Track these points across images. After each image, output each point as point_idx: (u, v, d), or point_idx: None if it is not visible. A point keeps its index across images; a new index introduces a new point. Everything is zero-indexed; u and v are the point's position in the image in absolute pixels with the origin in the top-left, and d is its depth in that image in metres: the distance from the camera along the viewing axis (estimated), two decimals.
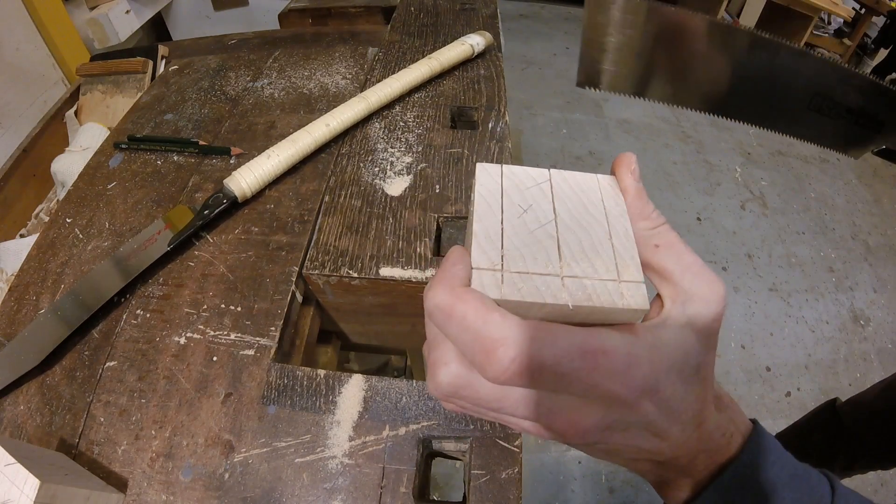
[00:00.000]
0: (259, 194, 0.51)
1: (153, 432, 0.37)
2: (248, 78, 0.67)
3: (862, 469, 0.91)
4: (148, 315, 0.43)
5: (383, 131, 0.57)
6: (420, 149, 0.55)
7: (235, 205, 0.49)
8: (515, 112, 2.20)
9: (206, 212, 0.47)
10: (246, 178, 0.48)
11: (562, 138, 2.18)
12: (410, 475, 0.34)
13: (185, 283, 0.44)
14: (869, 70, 2.82)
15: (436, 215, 0.48)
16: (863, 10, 2.76)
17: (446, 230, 0.47)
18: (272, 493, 0.34)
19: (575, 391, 0.18)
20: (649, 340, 0.19)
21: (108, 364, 0.40)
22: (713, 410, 0.22)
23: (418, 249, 0.45)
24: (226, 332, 0.41)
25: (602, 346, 0.18)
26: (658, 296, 0.22)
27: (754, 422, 0.24)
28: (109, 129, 0.68)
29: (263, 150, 0.51)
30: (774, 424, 1.28)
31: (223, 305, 0.43)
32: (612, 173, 0.23)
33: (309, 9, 0.92)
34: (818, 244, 1.91)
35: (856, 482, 1.29)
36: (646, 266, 0.21)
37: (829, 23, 3.05)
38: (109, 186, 0.54)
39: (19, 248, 0.57)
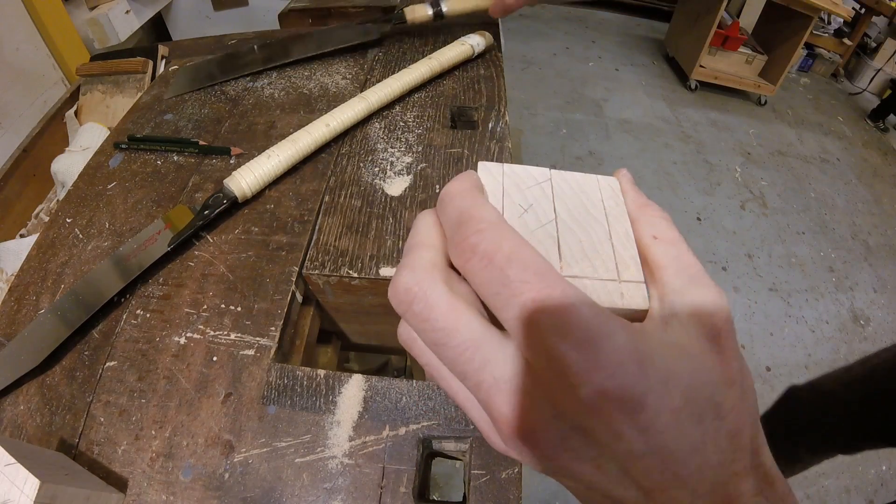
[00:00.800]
0: (259, 194, 0.51)
1: (153, 432, 0.37)
2: (248, 78, 0.67)
3: (826, 455, 0.91)
4: (148, 315, 0.43)
5: (383, 131, 0.57)
6: (420, 149, 0.55)
7: (235, 205, 0.49)
8: (515, 112, 2.21)
9: (206, 212, 0.47)
10: (246, 179, 0.48)
11: (562, 138, 2.18)
12: (410, 475, 0.34)
13: (185, 283, 0.44)
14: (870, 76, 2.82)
15: None
16: (863, 10, 2.76)
17: None
18: (272, 493, 0.34)
19: (516, 326, 0.15)
20: (641, 333, 0.15)
21: (108, 364, 0.40)
22: (753, 492, 0.15)
23: None
24: (226, 332, 0.41)
25: (565, 288, 0.14)
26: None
27: None
28: (109, 129, 0.68)
29: (263, 150, 0.51)
30: None
31: (223, 305, 0.43)
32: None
33: (309, 9, 0.92)
34: (818, 244, 1.91)
35: (856, 482, 1.29)
36: (640, 258, 0.19)
37: (829, 23, 3.05)
38: (109, 186, 0.54)
39: (19, 248, 0.57)
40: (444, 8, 0.71)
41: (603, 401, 0.13)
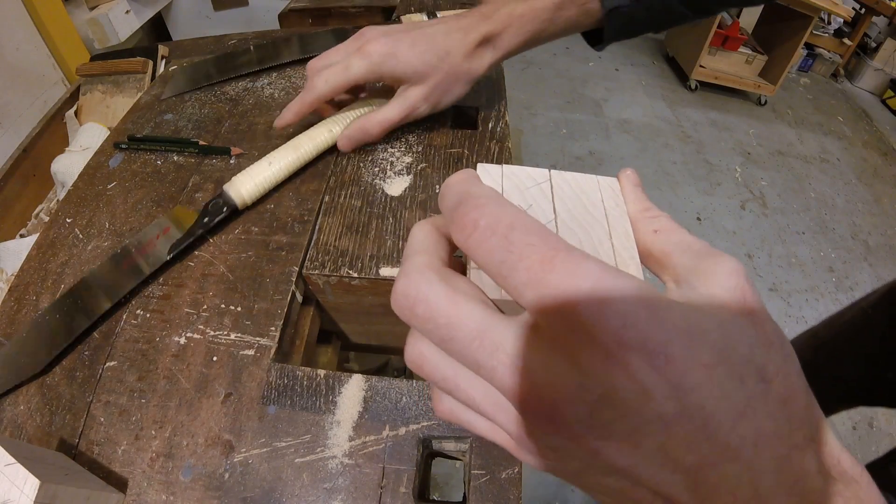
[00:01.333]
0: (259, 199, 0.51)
1: (153, 432, 0.37)
2: (249, 78, 0.67)
3: None
4: (148, 315, 0.43)
5: None
6: (420, 149, 0.55)
7: (236, 212, 0.49)
8: (515, 112, 2.21)
9: (205, 219, 0.47)
10: (246, 186, 0.48)
11: (562, 138, 2.18)
12: (410, 475, 0.34)
13: (185, 283, 0.44)
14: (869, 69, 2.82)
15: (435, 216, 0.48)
16: (863, 10, 2.76)
17: None
18: (272, 493, 0.34)
19: (522, 291, 0.14)
20: (652, 289, 0.14)
21: (108, 364, 0.40)
22: (817, 469, 0.14)
23: None
24: (226, 332, 0.41)
25: (570, 248, 0.14)
26: None
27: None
28: (109, 129, 0.68)
29: (263, 150, 0.51)
30: None
31: (223, 305, 0.43)
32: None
33: (309, 9, 0.92)
34: (818, 244, 1.91)
35: None
36: (646, 255, 0.20)
37: (829, 23, 3.05)
38: (109, 186, 0.54)
39: (19, 248, 0.57)
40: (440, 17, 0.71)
41: (623, 350, 0.12)
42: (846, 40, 2.92)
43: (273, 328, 0.41)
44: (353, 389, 0.38)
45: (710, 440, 0.12)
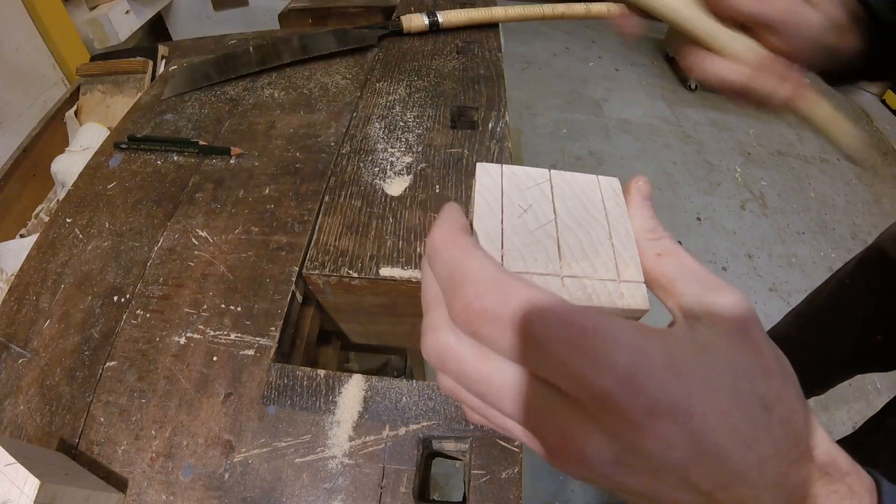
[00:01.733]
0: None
1: (153, 432, 0.37)
2: (248, 78, 0.67)
3: None
4: (148, 315, 0.43)
5: (383, 131, 0.57)
6: (420, 149, 0.55)
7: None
8: (515, 112, 2.21)
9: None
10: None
11: (562, 138, 2.18)
12: (410, 475, 0.34)
13: (185, 283, 0.44)
14: None
15: (435, 215, 0.48)
16: None
17: None
18: (272, 493, 0.34)
19: (554, 376, 0.15)
20: (671, 339, 0.15)
21: (108, 364, 0.40)
22: (818, 475, 0.16)
23: (418, 249, 0.45)
24: (226, 332, 0.41)
25: (592, 323, 0.14)
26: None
27: (877, 481, 0.17)
28: (109, 129, 0.68)
29: (263, 150, 0.51)
30: None
31: (223, 305, 0.43)
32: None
33: (309, 9, 0.92)
34: (818, 244, 1.91)
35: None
36: (651, 279, 0.19)
37: None
38: (109, 186, 0.54)
39: (19, 248, 0.57)
40: (440, 19, 0.71)
41: (652, 419, 0.13)
42: None
43: (273, 328, 0.41)
44: (353, 389, 0.38)
45: (723, 470, 0.14)
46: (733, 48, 0.34)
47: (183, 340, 0.41)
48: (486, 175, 0.22)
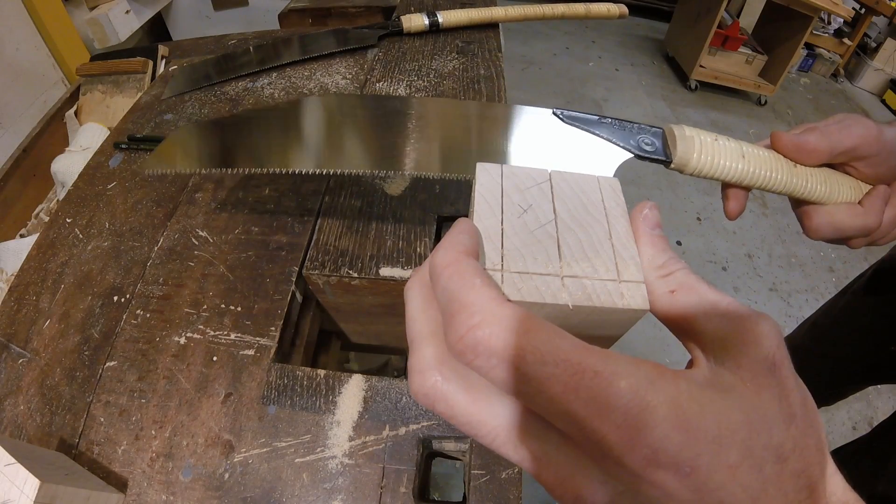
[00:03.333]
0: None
1: (153, 432, 0.37)
2: (248, 78, 0.67)
3: None
4: (148, 315, 0.43)
5: None
6: None
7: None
8: None
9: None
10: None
11: None
12: (410, 475, 0.34)
13: (185, 283, 0.44)
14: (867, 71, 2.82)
15: (435, 215, 0.48)
16: (863, 10, 2.76)
17: (446, 230, 0.47)
18: (272, 493, 0.34)
19: (549, 415, 0.14)
20: (683, 386, 0.14)
21: (108, 364, 0.40)
22: None
23: (418, 249, 0.45)
24: (226, 332, 0.41)
25: (594, 363, 0.13)
26: (690, 362, 0.17)
27: None
28: (109, 129, 0.68)
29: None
30: None
31: (223, 305, 0.43)
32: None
33: (309, 9, 0.92)
34: (818, 244, 1.91)
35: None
36: (666, 320, 0.18)
37: (829, 23, 3.05)
38: (109, 186, 0.54)
39: (19, 248, 0.57)
40: (440, 19, 0.71)
41: (651, 469, 0.13)
42: (846, 40, 2.92)
43: (273, 328, 0.41)
44: (353, 389, 0.38)
45: None
46: (831, 192, 0.34)
47: (183, 340, 0.41)
48: (486, 175, 0.22)
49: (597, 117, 0.32)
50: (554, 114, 0.33)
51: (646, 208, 0.20)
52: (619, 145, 0.31)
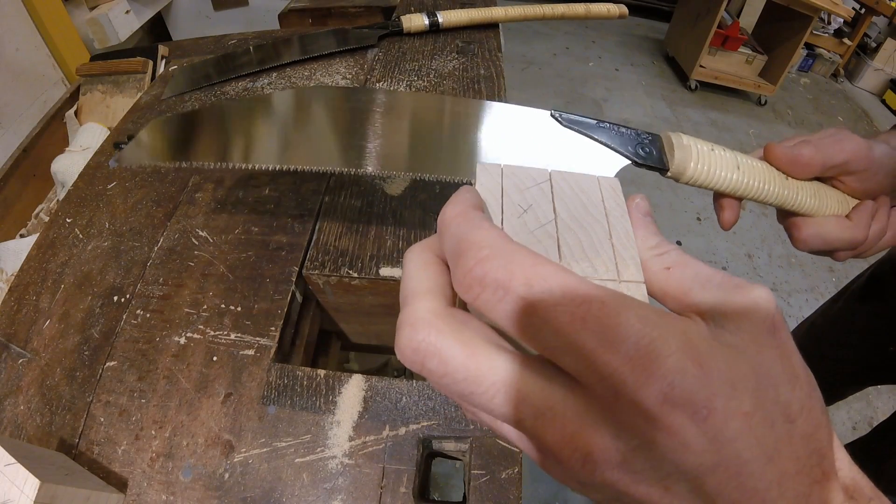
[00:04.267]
0: None
1: (153, 432, 0.37)
2: (248, 78, 0.67)
3: None
4: (148, 315, 0.43)
5: None
6: None
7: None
8: None
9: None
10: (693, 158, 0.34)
11: None
12: (410, 475, 0.34)
13: (185, 283, 0.44)
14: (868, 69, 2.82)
15: (436, 215, 0.48)
16: (863, 10, 2.76)
17: None
18: (272, 493, 0.34)
19: (556, 354, 0.13)
20: (691, 326, 0.14)
21: (108, 364, 0.40)
22: (838, 500, 0.14)
23: None
24: (226, 332, 0.41)
25: (601, 295, 0.13)
26: None
27: None
28: (109, 129, 0.68)
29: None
30: None
31: (223, 305, 0.43)
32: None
33: (309, 9, 0.92)
34: None
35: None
36: (663, 296, 0.18)
37: (829, 22, 3.05)
38: (109, 186, 0.54)
39: (19, 248, 0.57)
40: (441, 19, 0.71)
41: (666, 408, 0.12)
42: (846, 40, 2.92)
43: (273, 328, 0.41)
44: (353, 389, 0.38)
45: (741, 486, 0.13)
46: (820, 205, 0.34)
47: (183, 340, 0.41)
48: (486, 175, 0.22)
49: (595, 121, 0.32)
50: (552, 116, 0.33)
51: (636, 198, 0.21)
52: (617, 151, 0.31)
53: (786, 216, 0.36)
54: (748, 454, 0.12)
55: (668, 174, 0.32)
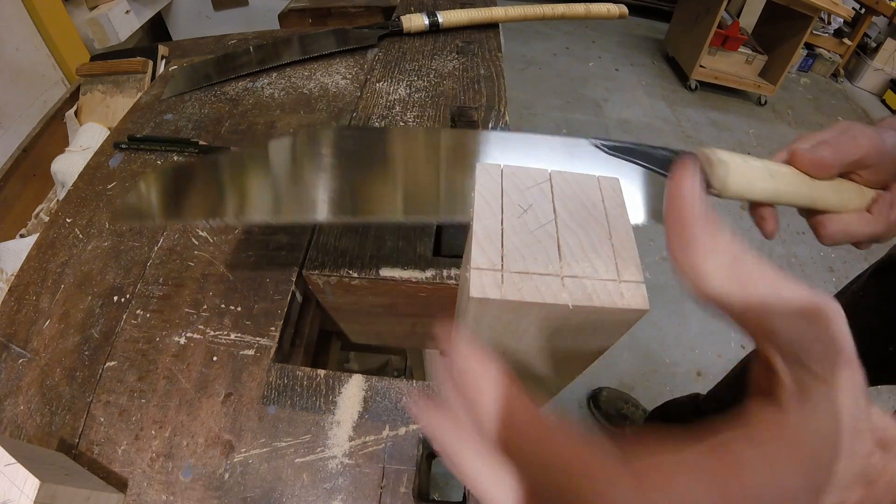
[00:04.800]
0: None
1: (153, 432, 0.37)
2: (248, 78, 0.67)
3: None
4: (148, 315, 0.43)
5: None
6: None
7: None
8: (515, 112, 2.20)
9: None
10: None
11: None
12: (410, 475, 0.34)
13: (185, 283, 0.44)
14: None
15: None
16: (863, 10, 2.76)
17: (446, 230, 0.47)
18: (272, 493, 0.34)
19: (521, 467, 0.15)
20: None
21: (108, 364, 0.40)
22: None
23: (418, 249, 0.45)
24: (226, 332, 0.41)
25: (561, 437, 0.14)
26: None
27: None
28: (109, 129, 0.68)
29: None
30: None
31: (223, 305, 0.43)
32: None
33: (309, 9, 0.92)
34: (818, 244, 1.90)
35: None
36: (738, 313, 0.16)
37: (829, 23, 3.05)
38: (109, 186, 0.54)
39: (19, 248, 0.57)
40: (441, 19, 0.71)
41: None
42: (846, 40, 2.92)
43: (273, 328, 0.41)
44: (353, 389, 0.38)
45: None
46: (841, 200, 0.35)
47: (183, 340, 0.41)
48: (487, 175, 0.22)
49: (632, 145, 0.31)
50: (593, 144, 0.32)
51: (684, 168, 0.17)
52: (660, 174, 0.31)
53: (810, 214, 0.37)
54: None
55: (713, 191, 0.31)
